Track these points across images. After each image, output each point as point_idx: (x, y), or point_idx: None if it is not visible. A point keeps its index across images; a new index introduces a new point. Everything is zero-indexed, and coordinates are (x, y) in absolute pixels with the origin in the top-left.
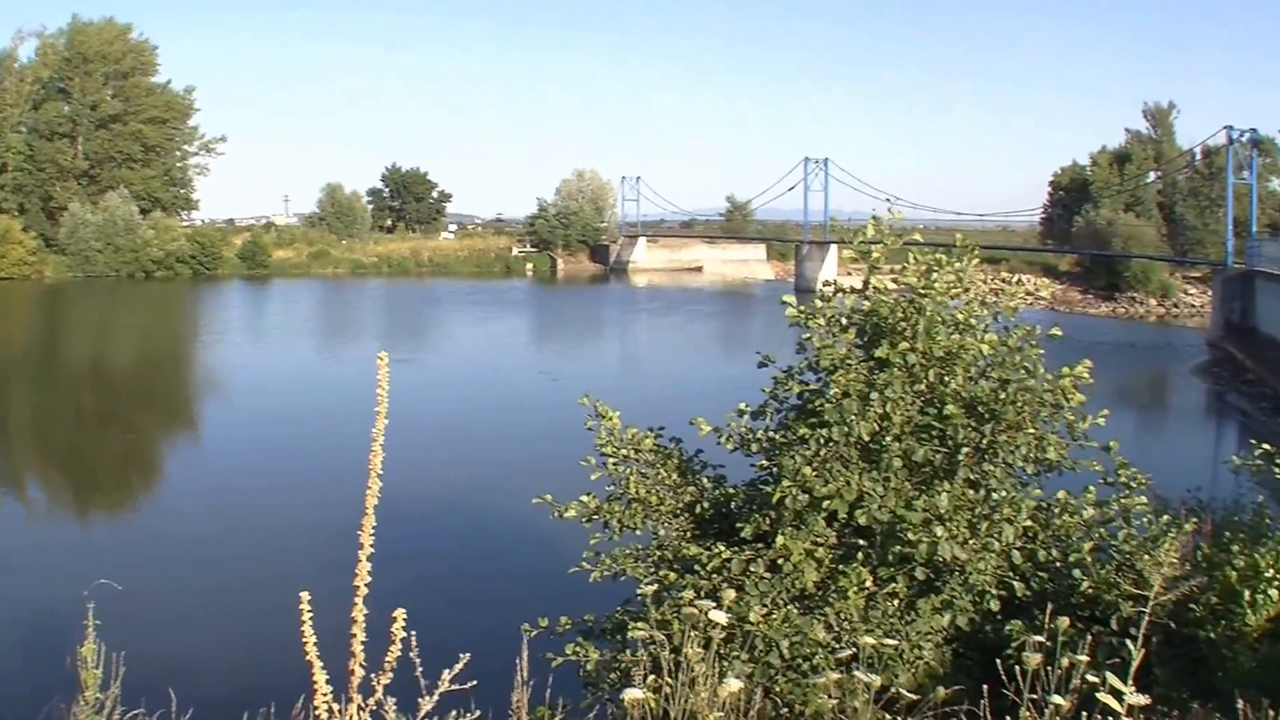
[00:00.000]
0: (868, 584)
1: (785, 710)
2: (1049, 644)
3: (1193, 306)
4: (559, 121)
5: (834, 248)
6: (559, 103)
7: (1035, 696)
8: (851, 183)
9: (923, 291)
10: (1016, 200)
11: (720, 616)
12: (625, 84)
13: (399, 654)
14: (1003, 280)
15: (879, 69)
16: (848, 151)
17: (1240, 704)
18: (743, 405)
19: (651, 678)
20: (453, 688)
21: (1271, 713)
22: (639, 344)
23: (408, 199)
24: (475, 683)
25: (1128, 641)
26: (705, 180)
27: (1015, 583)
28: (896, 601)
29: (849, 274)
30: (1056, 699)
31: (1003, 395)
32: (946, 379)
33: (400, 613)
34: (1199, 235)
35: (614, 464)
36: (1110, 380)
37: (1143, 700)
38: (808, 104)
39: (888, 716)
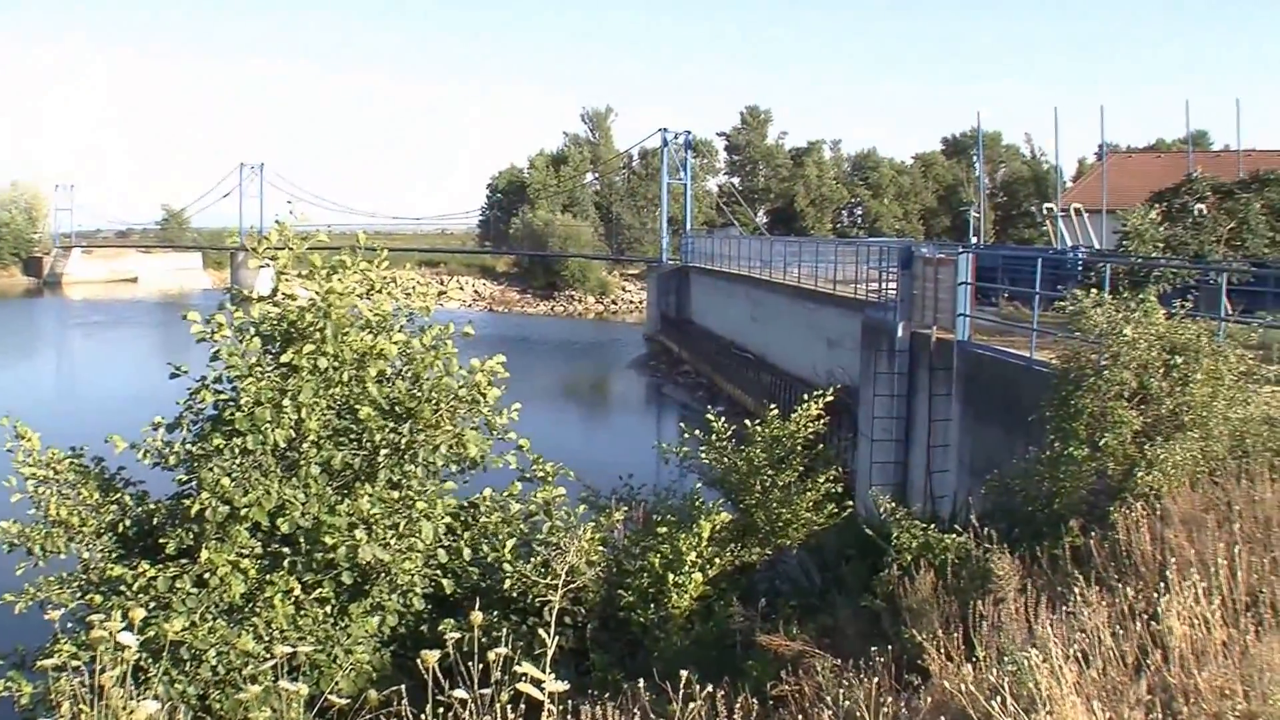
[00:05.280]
0: (296, 592)
1: None
2: (483, 640)
3: (631, 303)
4: None
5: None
6: None
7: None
8: (290, 189)
9: (328, 294)
10: (459, 204)
11: (129, 638)
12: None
13: None
14: (440, 281)
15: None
16: (290, 158)
17: (660, 681)
18: (158, 419)
19: (67, 706)
20: None
21: (699, 687)
22: (75, 361)
23: None
24: None
25: (540, 631)
26: (143, 189)
27: (444, 580)
28: (328, 607)
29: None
30: (459, 693)
31: (417, 393)
32: (363, 382)
33: None
34: (637, 234)
35: (34, 486)
36: (552, 378)
37: (562, 687)
38: (247, 109)
39: None
